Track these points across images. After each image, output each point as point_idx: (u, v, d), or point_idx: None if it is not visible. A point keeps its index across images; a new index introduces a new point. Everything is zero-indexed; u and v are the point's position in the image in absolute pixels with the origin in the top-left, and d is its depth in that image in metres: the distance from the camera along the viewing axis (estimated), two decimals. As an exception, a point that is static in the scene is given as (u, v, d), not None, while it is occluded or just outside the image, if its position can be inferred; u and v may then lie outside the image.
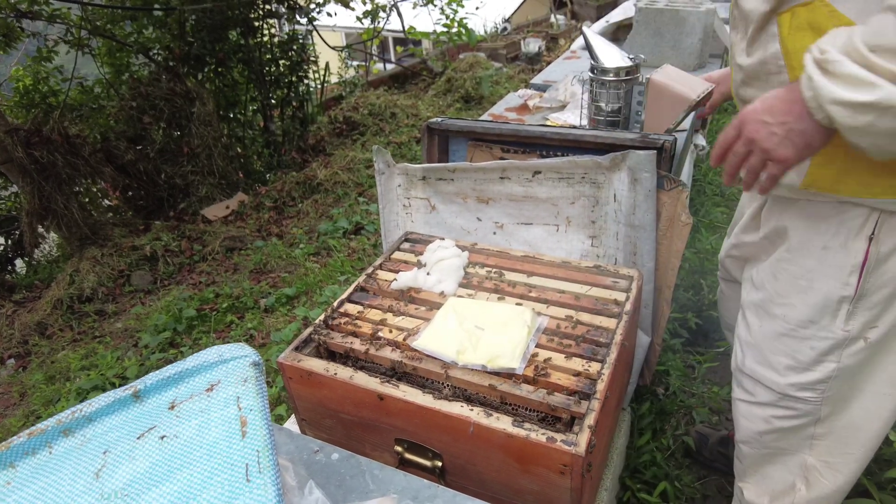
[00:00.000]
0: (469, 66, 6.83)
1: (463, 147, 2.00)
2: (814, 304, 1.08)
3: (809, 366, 1.12)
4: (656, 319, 1.79)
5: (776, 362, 1.17)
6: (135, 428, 0.82)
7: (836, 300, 1.05)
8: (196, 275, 3.79)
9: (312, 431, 1.38)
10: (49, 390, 2.79)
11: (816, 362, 1.11)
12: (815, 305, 1.08)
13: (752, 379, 1.25)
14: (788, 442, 1.24)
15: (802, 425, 1.20)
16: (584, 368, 1.17)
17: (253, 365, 0.84)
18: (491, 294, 1.43)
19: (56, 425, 0.82)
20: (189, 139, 4.67)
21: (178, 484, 0.74)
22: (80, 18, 4.43)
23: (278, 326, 2.96)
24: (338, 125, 5.93)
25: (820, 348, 1.10)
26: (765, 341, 1.19)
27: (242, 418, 0.77)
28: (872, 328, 1.05)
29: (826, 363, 1.10)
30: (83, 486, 0.77)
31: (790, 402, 1.18)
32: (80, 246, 4.04)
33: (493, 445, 1.08)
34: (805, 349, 1.12)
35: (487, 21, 9.76)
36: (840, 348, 1.08)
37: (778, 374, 1.17)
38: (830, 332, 1.07)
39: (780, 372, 1.17)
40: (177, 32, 4.81)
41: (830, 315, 1.06)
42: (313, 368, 1.23)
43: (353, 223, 4.05)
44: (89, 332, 3.36)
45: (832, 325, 1.07)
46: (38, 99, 4.54)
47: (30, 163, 3.80)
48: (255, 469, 0.71)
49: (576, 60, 3.39)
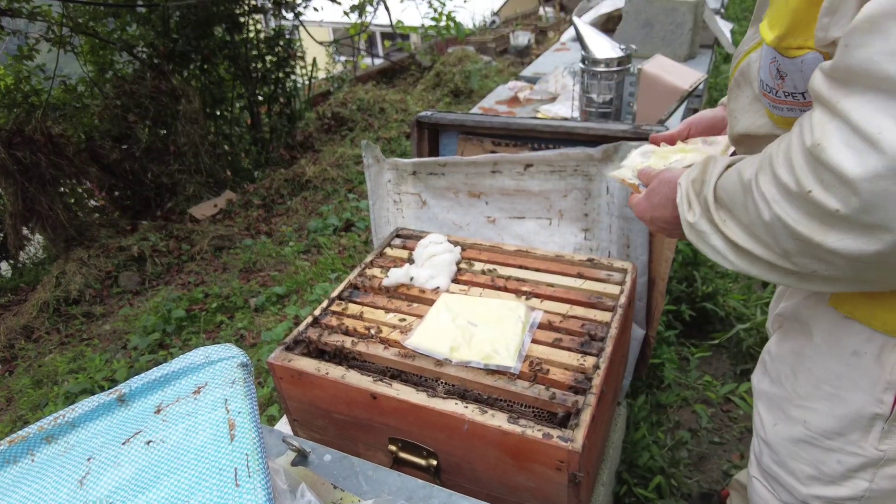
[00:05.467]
0: (458, 60, 6.81)
1: (453, 141, 1.98)
2: (841, 415, 0.93)
3: (836, 480, 0.98)
4: (651, 312, 1.78)
5: (797, 469, 1.03)
6: (120, 433, 0.79)
7: (868, 416, 0.90)
8: (185, 275, 3.74)
9: (304, 432, 1.36)
10: (36, 395, 2.75)
11: (845, 478, 0.97)
12: (844, 417, 0.93)
13: (770, 476, 1.11)
14: None
15: None
16: (580, 363, 1.15)
17: (241, 366, 0.81)
18: (484, 289, 1.42)
19: (38, 432, 0.80)
20: (175, 137, 4.61)
21: (165, 490, 0.71)
22: (61, 16, 4.35)
23: (269, 326, 2.93)
24: (326, 121, 5.88)
25: (849, 464, 0.95)
26: (781, 444, 1.05)
27: (230, 421, 0.75)
28: None
29: (856, 480, 0.96)
30: (67, 494, 0.74)
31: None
32: (65, 247, 3.98)
33: (489, 443, 1.06)
34: (831, 462, 0.97)
35: (476, 14, 9.73)
36: (873, 467, 0.93)
37: (799, 483, 1.04)
38: (861, 448, 0.93)
39: (801, 481, 1.03)
40: (161, 29, 4.74)
41: (861, 431, 0.92)
42: (304, 368, 1.21)
43: (343, 220, 4.02)
44: (77, 334, 3.31)
45: (863, 441, 0.92)
46: (19, 98, 4.45)
47: (12, 164, 3.73)
48: (244, 473, 0.69)
49: (566, 52, 3.38)
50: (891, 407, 0.87)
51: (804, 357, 0.97)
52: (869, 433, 0.91)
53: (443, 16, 7.12)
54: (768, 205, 0.69)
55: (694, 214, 0.84)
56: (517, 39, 7.82)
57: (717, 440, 1.99)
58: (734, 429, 2.03)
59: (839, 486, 0.98)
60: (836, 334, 0.90)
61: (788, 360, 1.01)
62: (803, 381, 0.98)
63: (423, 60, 7.47)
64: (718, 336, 2.39)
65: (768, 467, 1.10)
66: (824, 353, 0.93)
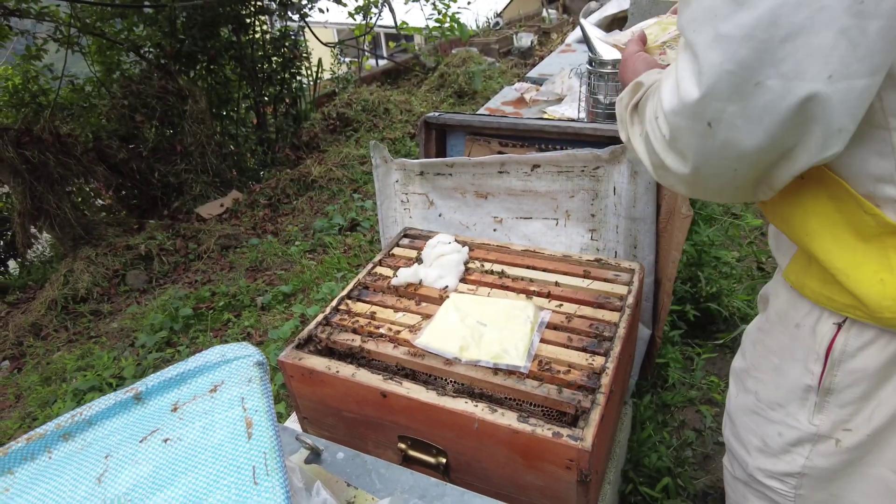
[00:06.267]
0: (462, 61, 6.81)
1: (460, 141, 1.99)
2: (782, 385, 0.98)
3: (777, 453, 1.01)
4: (657, 312, 1.79)
5: (747, 440, 1.08)
6: (137, 431, 0.80)
7: (802, 388, 0.94)
8: (192, 273, 3.76)
9: (314, 430, 1.37)
10: (45, 392, 2.77)
11: (784, 451, 1.00)
12: (784, 388, 0.97)
13: (729, 451, 1.15)
14: None
15: None
16: (588, 363, 1.16)
17: (257, 364, 0.83)
18: (492, 289, 1.42)
19: (55, 429, 0.81)
20: (182, 137, 4.63)
21: (183, 488, 0.72)
22: (69, 16, 4.38)
23: (275, 324, 2.94)
24: (331, 122, 5.90)
25: (787, 437, 0.99)
26: (738, 416, 1.10)
27: (248, 419, 0.76)
28: (845, 430, 0.92)
29: (794, 455, 0.99)
30: (85, 491, 0.75)
31: (760, 488, 1.08)
32: (73, 246, 4.00)
33: (499, 441, 1.07)
34: (773, 433, 1.01)
35: (479, 16, 9.73)
36: (809, 443, 0.96)
37: (748, 454, 1.08)
38: (797, 421, 0.96)
39: (749, 452, 1.07)
40: (168, 30, 4.76)
41: (798, 403, 0.96)
42: (315, 366, 1.22)
43: (349, 220, 4.03)
44: (85, 332, 3.33)
45: (799, 413, 0.96)
46: (27, 98, 4.48)
47: (21, 163, 3.76)
48: (262, 471, 0.70)
49: (571, 53, 3.38)
50: (818, 378, 0.90)
51: (762, 331, 1.03)
52: (804, 406, 0.95)
53: (447, 17, 7.13)
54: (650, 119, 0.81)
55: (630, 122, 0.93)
56: (520, 41, 7.82)
57: (721, 440, 1.99)
58: (740, 429, 2.03)
59: (778, 459, 1.01)
60: (786, 308, 0.95)
61: (753, 335, 1.07)
62: (759, 352, 1.03)
63: (427, 61, 7.48)
64: (723, 336, 2.40)
65: (728, 440, 1.14)
66: (776, 326, 0.98)
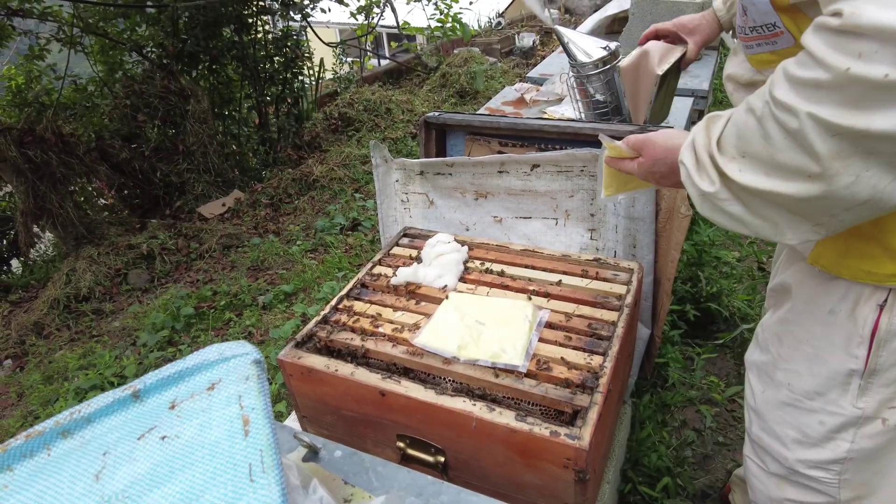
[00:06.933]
0: (463, 61, 6.81)
1: (461, 141, 1.99)
2: (820, 374, 0.95)
3: (819, 442, 0.99)
4: (656, 312, 1.79)
5: (782, 434, 1.05)
6: (135, 428, 0.81)
7: (844, 373, 0.92)
8: (193, 273, 3.77)
9: (313, 428, 1.38)
10: (47, 390, 2.78)
11: (826, 439, 0.98)
12: (822, 376, 0.95)
13: (759, 447, 1.13)
14: None
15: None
16: (587, 362, 1.16)
17: (254, 363, 0.83)
18: (491, 289, 1.43)
19: (54, 427, 0.81)
20: (184, 137, 4.64)
21: (181, 485, 0.73)
22: (71, 16, 4.39)
23: (277, 323, 2.95)
24: (333, 121, 5.90)
25: (830, 424, 0.96)
26: (769, 410, 1.07)
27: (245, 417, 0.76)
28: (891, 408, 0.92)
29: (838, 441, 0.97)
30: (83, 488, 0.76)
31: (802, 479, 1.05)
32: (75, 245, 4.01)
33: (496, 440, 1.07)
34: (813, 423, 0.99)
35: (481, 16, 9.73)
36: (853, 426, 0.95)
37: (784, 448, 1.05)
38: (840, 407, 0.94)
39: (786, 445, 1.05)
40: (170, 30, 4.77)
41: (839, 389, 0.93)
42: (314, 365, 1.23)
43: (350, 219, 4.04)
44: (87, 331, 3.34)
45: (842, 399, 0.94)
46: (30, 98, 4.50)
47: (23, 162, 3.77)
48: (258, 469, 0.71)
49: (572, 53, 3.38)
50: (864, 361, 0.90)
51: (788, 322, 1.00)
52: (847, 391, 0.93)
53: (448, 17, 7.13)
54: (794, 112, 0.64)
55: (709, 182, 0.79)
56: (522, 41, 7.81)
57: (721, 440, 2.00)
58: (738, 429, 2.03)
59: (822, 448, 0.99)
60: (815, 295, 0.93)
61: (774, 327, 1.04)
62: (787, 344, 1.01)
63: (429, 61, 7.48)
64: (723, 336, 2.40)
65: (757, 437, 1.12)
66: (804, 315, 0.96)
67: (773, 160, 0.69)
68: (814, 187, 0.67)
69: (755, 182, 0.72)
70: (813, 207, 0.70)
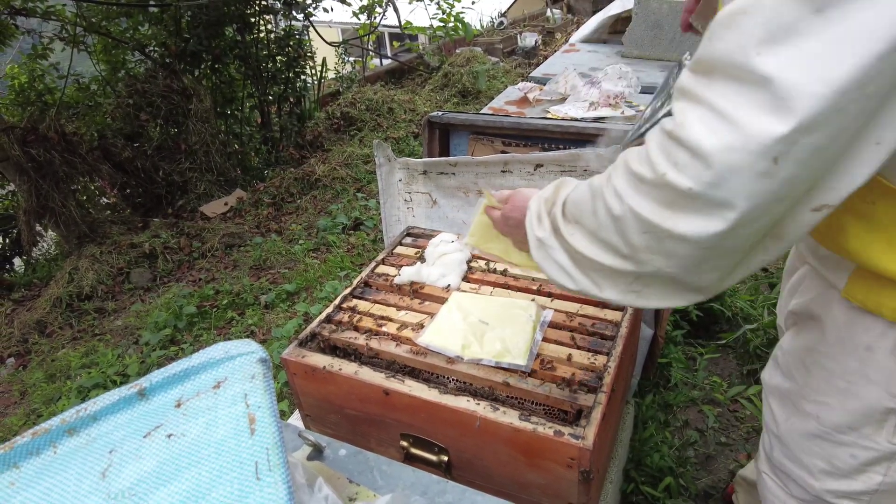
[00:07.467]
0: (466, 61, 6.81)
1: (464, 141, 1.99)
2: (854, 410, 0.92)
3: (849, 474, 0.98)
4: (659, 312, 1.79)
5: (810, 464, 1.03)
6: (141, 426, 0.81)
7: (881, 411, 0.90)
8: (195, 272, 3.78)
9: (317, 427, 1.38)
10: (50, 389, 2.78)
11: (858, 472, 0.97)
12: (857, 412, 0.92)
13: (782, 472, 1.11)
14: None
15: None
16: (591, 361, 1.16)
17: (260, 361, 0.83)
18: (495, 288, 1.43)
19: (60, 424, 0.81)
20: (186, 136, 4.65)
21: (187, 483, 0.73)
22: (74, 16, 4.39)
23: (279, 322, 2.95)
24: (335, 121, 5.91)
25: (862, 458, 0.95)
26: (794, 439, 1.04)
27: (251, 416, 0.77)
28: None
29: (870, 474, 0.96)
30: (89, 486, 0.76)
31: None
32: (78, 244, 4.02)
33: (500, 439, 1.08)
34: (844, 456, 0.97)
35: (483, 15, 9.74)
36: (887, 461, 0.93)
37: (812, 477, 1.03)
38: (874, 442, 0.93)
39: (814, 475, 1.03)
40: (172, 29, 4.77)
41: (875, 425, 0.92)
42: (317, 364, 1.23)
43: (352, 219, 4.04)
44: (89, 330, 3.35)
45: (876, 435, 0.92)
46: (33, 97, 4.50)
47: (26, 161, 3.78)
48: (265, 467, 0.71)
49: (575, 53, 3.38)
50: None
51: (817, 352, 0.97)
52: (882, 427, 0.91)
53: (451, 17, 7.13)
54: (620, 199, 0.71)
55: (543, 230, 0.86)
56: (525, 41, 7.82)
57: (723, 440, 2.00)
58: (741, 429, 2.03)
59: (853, 479, 0.98)
60: (850, 329, 0.90)
61: (801, 355, 1.01)
62: (816, 376, 0.97)
63: (431, 61, 7.48)
64: (725, 336, 2.40)
65: (780, 463, 1.09)
66: (837, 349, 0.92)
67: (596, 234, 0.76)
68: (626, 265, 0.74)
69: (581, 247, 0.79)
70: (625, 278, 0.77)
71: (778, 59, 0.55)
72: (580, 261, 0.81)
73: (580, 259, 0.80)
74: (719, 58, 0.60)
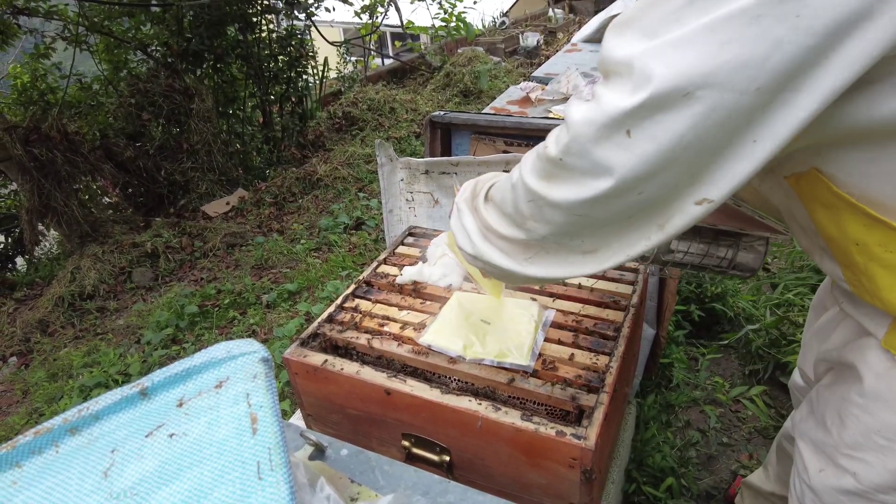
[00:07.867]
0: (467, 61, 6.81)
1: (466, 141, 1.99)
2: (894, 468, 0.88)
3: None
4: (661, 312, 1.79)
5: None
6: (143, 426, 0.81)
7: None
8: (197, 271, 3.78)
9: (318, 427, 1.38)
10: (52, 388, 2.79)
11: None
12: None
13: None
14: None
15: None
16: (592, 362, 1.16)
17: (262, 361, 0.83)
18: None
19: (62, 424, 0.81)
20: (188, 136, 4.66)
21: (189, 482, 0.73)
22: (77, 15, 4.40)
23: (280, 322, 2.95)
24: (337, 120, 5.91)
25: None
26: (828, 493, 0.99)
27: (253, 415, 0.77)
28: None
29: None
30: (91, 485, 0.76)
31: None
32: (80, 243, 4.02)
33: (502, 440, 1.07)
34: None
35: (485, 15, 9.76)
36: None
37: None
38: None
39: None
40: (175, 28, 4.78)
41: None
42: (319, 364, 1.23)
43: (354, 218, 4.04)
44: (91, 329, 3.35)
45: None
46: (35, 96, 4.51)
47: (29, 160, 3.78)
48: (266, 467, 0.71)
49: (577, 53, 3.38)
50: None
51: (853, 404, 0.91)
52: None
53: (453, 16, 7.13)
54: (519, 172, 0.77)
55: (462, 197, 0.93)
56: (526, 40, 7.82)
57: (725, 440, 1.99)
58: (743, 429, 2.03)
59: None
60: (889, 382, 0.85)
61: (836, 404, 0.95)
62: (852, 429, 0.92)
63: (433, 61, 7.49)
64: (727, 337, 2.39)
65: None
66: (877, 404, 0.87)
67: (502, 207, 0.83)
68: (519, 233, 0.81)
69: (490, 219, 0.86)
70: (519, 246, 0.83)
71: (643, 47, 0.60)
72: (485, 230, 0.87)
73: (486, 229, 0.87)
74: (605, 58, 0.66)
